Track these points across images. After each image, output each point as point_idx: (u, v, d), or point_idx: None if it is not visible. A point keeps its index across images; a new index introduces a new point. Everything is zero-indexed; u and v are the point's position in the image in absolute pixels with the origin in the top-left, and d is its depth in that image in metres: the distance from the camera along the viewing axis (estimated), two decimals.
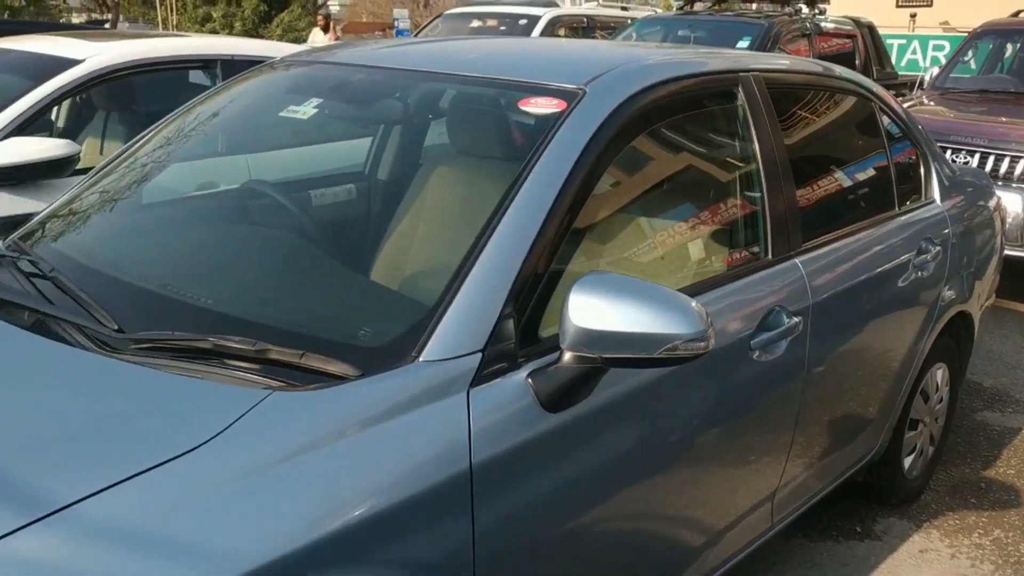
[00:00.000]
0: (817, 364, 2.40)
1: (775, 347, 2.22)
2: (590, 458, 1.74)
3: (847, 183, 2.84)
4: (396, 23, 16.01)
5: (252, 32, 14.17)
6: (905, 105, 6.60)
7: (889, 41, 13.94)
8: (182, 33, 10.78)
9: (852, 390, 2.70)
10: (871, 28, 8.68)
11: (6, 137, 3.32)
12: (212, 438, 1.31)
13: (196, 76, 4.13)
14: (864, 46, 8.42)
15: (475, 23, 9.94)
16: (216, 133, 2.48)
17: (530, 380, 1.63)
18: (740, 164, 2.37)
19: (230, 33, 13.04)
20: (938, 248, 3.03)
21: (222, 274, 1.95)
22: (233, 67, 3.97)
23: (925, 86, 7.17)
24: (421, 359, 1.55)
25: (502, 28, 9.73)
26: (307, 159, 2.53)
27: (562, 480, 1.68)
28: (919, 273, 2.92)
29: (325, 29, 13.62)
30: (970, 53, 7.23)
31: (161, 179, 2.41)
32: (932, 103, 6.71)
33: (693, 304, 1.62)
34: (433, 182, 2.14)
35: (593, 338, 1.57)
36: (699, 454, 2.06)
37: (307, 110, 2.21)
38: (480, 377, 1.57)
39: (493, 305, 1.63)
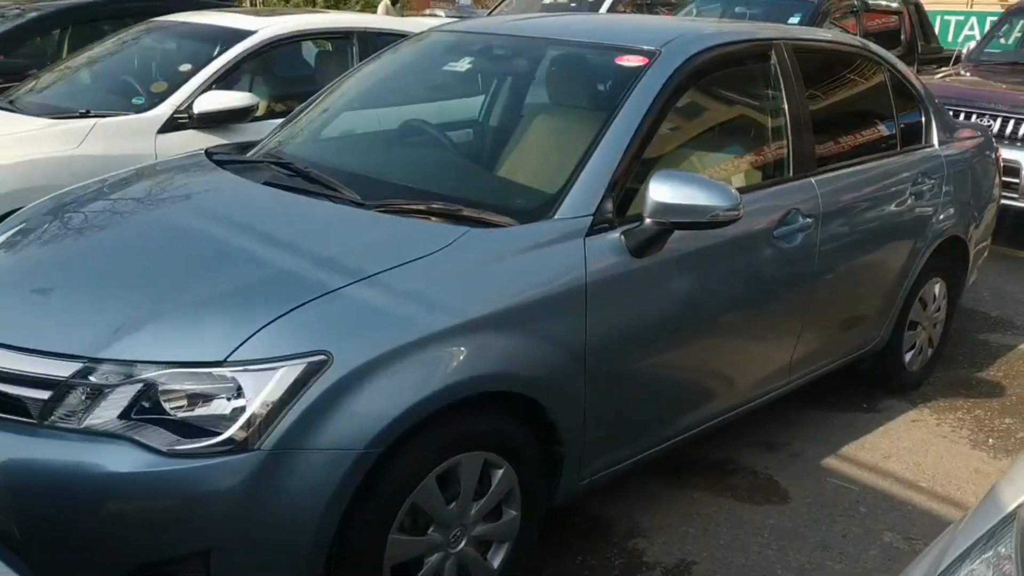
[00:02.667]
0: (825, 257, 3.27)
1: (792, 238, 3.10)
2: (659, 292, 2.65)
3: (856, 127, 3.69)
4: None
5: (333, 7, 15.23)
6: (941, 75, 7.33)
7: (947, 18, 14.44)
8: (323, 10, 11.94)
9: (855, 285, 3.55)
10: (917, 5, 9.32)
11: (205, 91, 4.32)
12: (440, 249, 2.26)
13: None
14: (910, 23, 9.08)
15: (547, 0, 10.78)
16: (392, 85, 3.47)
17: (622, 236, 2.55)
18: (771, 108, 3.24)
19: (313, 7, 14.10)
20: (933, 182, 3.86)
21: (419, 170, 2.92)
22: (367, 38, 4.95)
23: (962, 59, 7.86)
24: (555, 217, 2.48)
25: (572, 5, 10.56)
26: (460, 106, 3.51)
27: (638, 302, 2.60)
28: (915, 200, 3.76)
29: (393, 2, 14.73)
30: (1004, 29, 7.89)
31: (351, 117, 3.39)
32: (967, 74, 7.41)
33: (730, 187, 2.52)
34: (553, 112, 3.07)
35: (664, 208, 2.48)
36: (735, 308, 2.95)
37: (463, 65, 3.17)
38: (591, 231, 2.50)
39: (598, 189, 2.55)
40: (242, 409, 1.92)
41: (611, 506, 3.09)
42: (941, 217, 3.95)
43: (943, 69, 7.86)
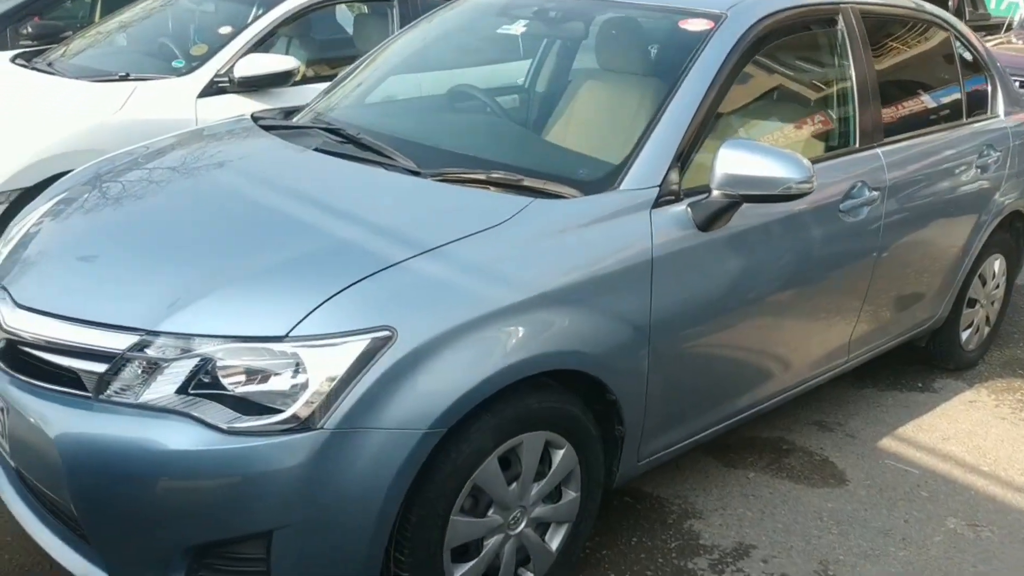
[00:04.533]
0: (889, 231, 3.15)
1: (858, 211, 2.98)
2: (723, 267, 2.55)
3: (922, 95, 3.54)
4: None
5: None
6: (992, 43, 7.10)
7: None
8: None
9: (917, 260, 3.42)
10: None
11: (246, 54, 4.22)
12: (504, 221, 2.16)
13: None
14: None
15: None
16: (437, 48, 3.35)
17: (689, 209, 2.44)
18: (838, 74, 3.10)
19: None
20: (998, 154, 3.71)
21: (473, 138, 2.82)
22: (407, 1, 4.82)
23: (1013, 27, 7.61)
24: (620, 188, 2.37)
25: None
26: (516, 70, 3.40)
27: (703, 277, 2.49)
28: (980, 172, 3.61)
29: None
30: None
31: (398, 82, 3.28)
32: (1019, 42, 7.18)
33: (803, 159, 2.40)
34: (610, 79, 2.95)
35: (734, 180, 2.37)
36: (798, 285, 2.84)
37: (510, 28, 3.05)
38: (657, 203, 2.39)
39: (664, 159, 2.44)
40: (304, 386, 1.84)
41: (664, 486, 3.02)
42: (1005, 191, 3.80)
43: (993, 37, 7.62)
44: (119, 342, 1.91)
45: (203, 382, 1.87)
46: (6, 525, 2.53)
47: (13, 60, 4.66)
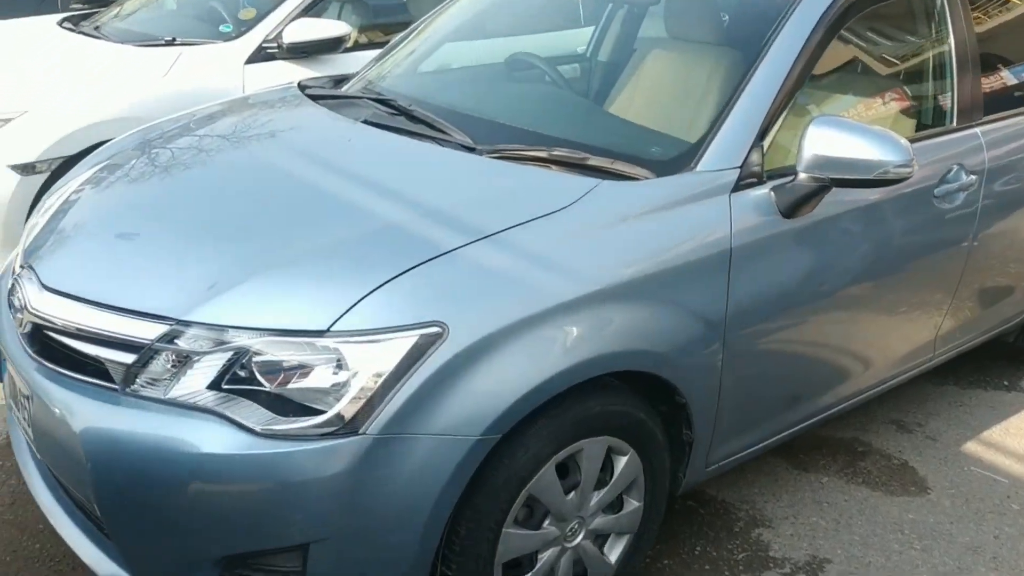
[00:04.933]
0: (985, 219, 2.87)
1: (953, 197, 2.71)
2: (806, 258, 2.31)
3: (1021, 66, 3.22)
4: None
5: None
6: None
7: None
8: None
9: (1012, 251, 3.13)
10: None
11: (296, 19, 4.05)
12: (569, 205, 1.96)
13: None
14: None
15: None
16: (495, 15, 3.14)
17: (773, 193, 2.21)
18: (935, 46, 2.82)
19: None
20: None
21: (532, 111, 2.61)
22: None
23: None
24: (697, 169, 2.14)
25: None
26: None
27: (785, 268, 2.26)
28: None
29: None
30: None
31: (453, 50, 3.08)
32: None
33: (902, 139, 2.15)
34: (682, 48, 2.71)
35: (824, 162, 2.12)
36: (884, 276, 2.58)
37: None
38: (737, 186, 2.16)
39: (745, 138, 2.20)
40: (346, 385, 1.67)
41: (730, 489, 2.81)
42: None
43: None
44: (148, 331, 1.76)
45: (238, 377, 1.71)
46: (39, 512, 2.42)
47: (60, 23, 4.54)
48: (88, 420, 1.78)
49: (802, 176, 2.18)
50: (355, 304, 1.70)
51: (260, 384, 1.70)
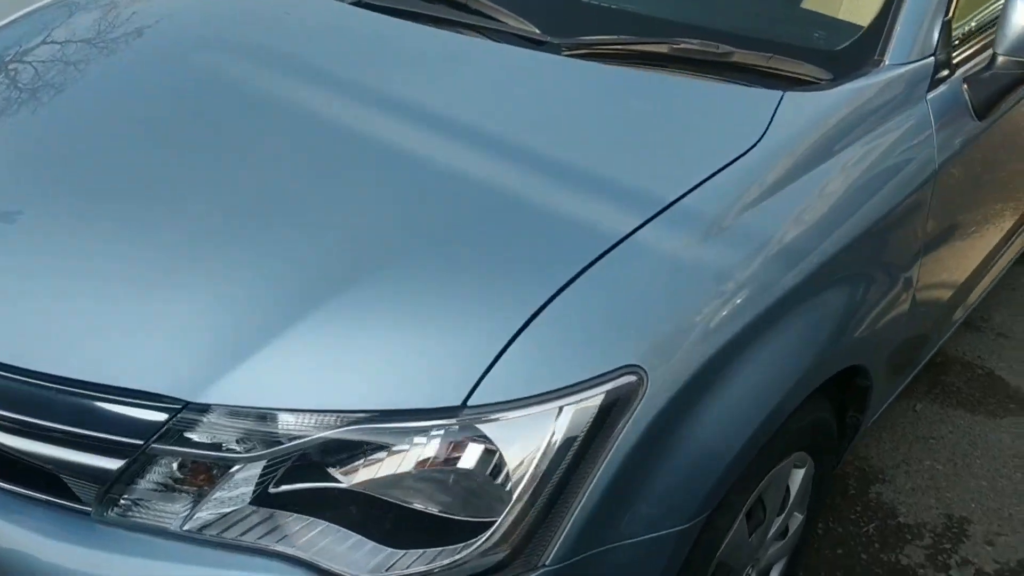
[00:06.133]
0: None
1: None
2: (993, 170, 1.74)
3: None
4: None
5: None
6: None
7: None
8: None
9: None
10: None
11: None
12: (760, 139, 1.28)
13: None
14: None
15: None
16: None
17: (965, 86, 1.60)
18: None
19: None
20: None
21: None
22: None
23: None
24: (887, 62, 1.50)
25: None
26: None
27: (973, 186, 1.70)
28: None
29: None
30: None
31: None
32: None
33: None
34: None
35: None
36: None
37: None
38: (933, 82, 1.54)
39: (935, 14, 1.56)
40: (501, 491, 1.01)
41: None
42: None
43: None
44: (137, 425, 1.03)
45: (300, 491, 1.02)
46: None
47: None
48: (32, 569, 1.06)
49: (1001, 60, 1.57)
50: (499, 354, 1.02)
51: (351, 504, 1.02)
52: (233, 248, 1.14)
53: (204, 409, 1.02)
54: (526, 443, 1.01)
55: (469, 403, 1.00)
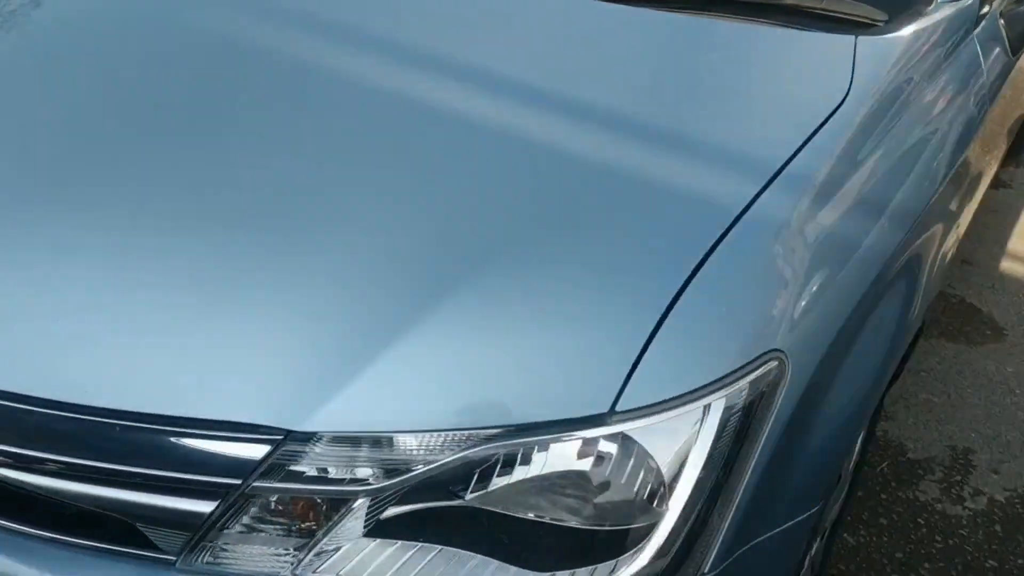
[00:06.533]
0: None
1: None
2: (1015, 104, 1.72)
3: None
4: None
5: None
6: None
7: None
8: None
9: None
10: None
11: None
12: (849, 90, 1.20)
13: None
14: None
15: None
16: None
17: (1003, 21, 1.56)
18: None
19: None
20: None
21: None
22: None
23: None
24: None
25: None
26: None
27: (1000, 115, 1.67)
28: None
29: None
30: None
31: None
32: None
33: None
34: None
35: None
36: None
37: None
38: (977, 17, 1.49)
39: None
40: (653, 503, 0.92)
41: None
42: None
43: None
44: (230, 465, 0.89)
45: (414, 517, 0.91)
46: None
47: None
48: None
49: None
50: (644, 350, 0.92)
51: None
52: (320, 247, 0.99)
53: (308, 438, 0.88)
54: (679, 444, 0.92)
55: (617, 408, 0.89)
